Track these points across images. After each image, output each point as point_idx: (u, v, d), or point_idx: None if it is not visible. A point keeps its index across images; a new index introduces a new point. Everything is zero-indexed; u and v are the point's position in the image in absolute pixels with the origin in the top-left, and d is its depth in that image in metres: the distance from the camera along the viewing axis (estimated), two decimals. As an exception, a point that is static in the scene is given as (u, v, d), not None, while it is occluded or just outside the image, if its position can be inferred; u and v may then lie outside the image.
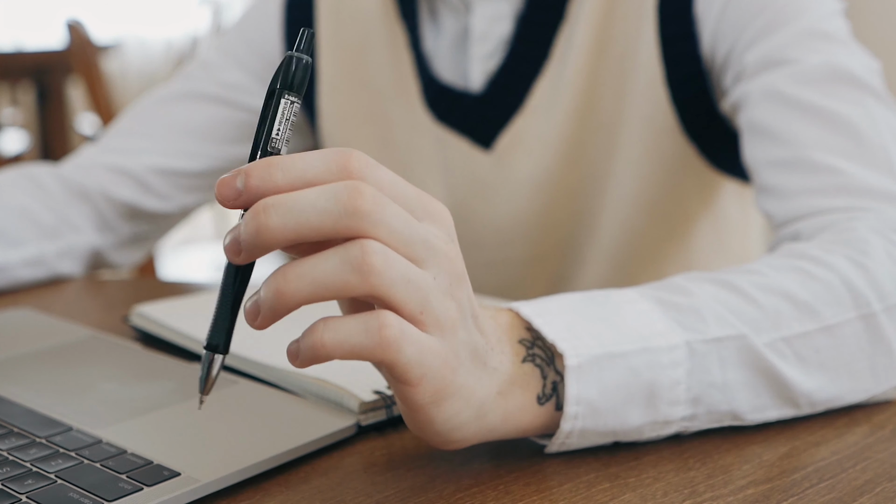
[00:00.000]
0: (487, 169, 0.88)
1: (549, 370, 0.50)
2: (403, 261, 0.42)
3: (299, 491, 0.49)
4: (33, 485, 0.47)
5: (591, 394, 0.50)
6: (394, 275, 0.41)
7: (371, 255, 0.40)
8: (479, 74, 0.86)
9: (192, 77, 0.97)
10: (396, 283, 0.41)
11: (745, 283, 0.55)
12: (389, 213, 0.41)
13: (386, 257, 0.41)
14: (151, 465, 0.49)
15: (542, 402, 0.50)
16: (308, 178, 0.41)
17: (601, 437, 0.52)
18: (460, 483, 0.49)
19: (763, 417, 0.54)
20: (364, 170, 0.42)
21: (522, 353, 0.49)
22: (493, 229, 0.90)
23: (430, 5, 0.89)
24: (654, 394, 0.51)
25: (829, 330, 0.55)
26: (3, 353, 0.67)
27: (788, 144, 0.70)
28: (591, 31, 0.82)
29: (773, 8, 0.74)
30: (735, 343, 0.53)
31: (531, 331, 0.50)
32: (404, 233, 0.42)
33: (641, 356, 0.50)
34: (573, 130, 0.84)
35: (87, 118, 3.44)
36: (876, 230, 0.61)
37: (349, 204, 0.40)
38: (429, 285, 0.42)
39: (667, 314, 0.52)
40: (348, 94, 0.94)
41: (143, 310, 0.71)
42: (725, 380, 0.52)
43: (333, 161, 0.42)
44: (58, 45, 3.00)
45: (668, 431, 0.53)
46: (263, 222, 0.40)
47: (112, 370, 0.64)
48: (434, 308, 0.43)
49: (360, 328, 0.41)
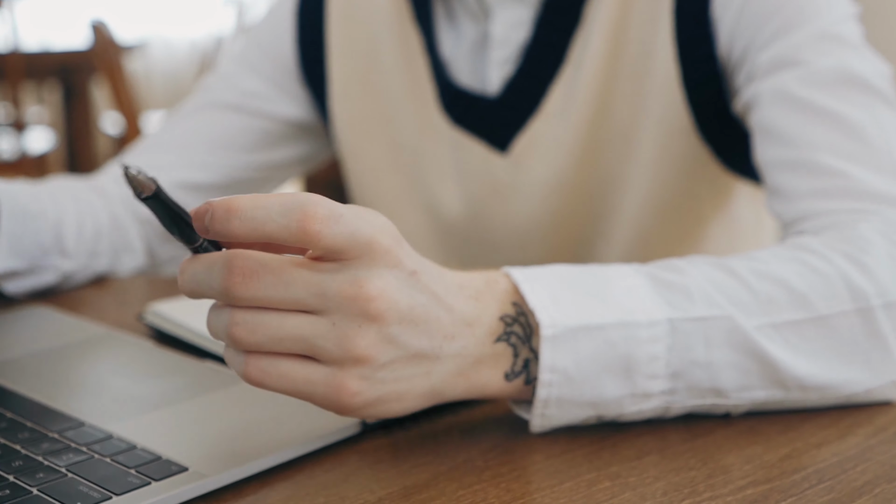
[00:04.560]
0: (503, 172, 0.88)
1: (522, 348, 0.52)
2: (274, 319, 0.46)
3: (304, 487, 0.50)
4: (44, 478, 0.48)
5: (566, 363, 0.52)
6: (259, 339, 0.46)
7: (232, 326, 0.46)
8: (496, 78, 0.86)
9: (211, 88, 0.98)
10: (266, 343, 0.46)
11: (743, 268, 0.57)
12: (264, 285, 0.46)
13: (249, 327, 0.46)
14: (160, 459, 0.50)
15: (511, 378, 0.52)
16: (266, 231, 0.45)
17: (580, 408, 0.53)
18: (462, 481, 0.50)
19: (750, 397, 0.55)
20: (320, 232, 0.45)
21: (499, 331, 0.52)
22: (509, 231, 0.91)
23: (448, 10, 0.89)
24: (631, 367, 0.53)
25: (821, 321, 0.56)
26: (19, 351, 0.69)
27: (796, 146, 0.71)
28: (606, 35, 0.82)
29: (788, 10, 0.75)
30: (721, 323, 0.54)
31: (516, 304, 0.52)
32: (281, 296, 0.46)
33: (619, 329, 0.52)
34: (589, 133, 0.85)
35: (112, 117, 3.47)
36: (879, 231, 0.62)
37: (224, 283, 0.46)
38: (312, 332, 0.46)
39: (656, 291, 0.54)
40: (360, 99, 0.94)
41: (157, 308, 0.72)
42: (710, 358, 0.54)
43: (294, 220, 0.45)
44: (83, 45, 3.03)
45: (650, 406, 0.54)
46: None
47: (124, 367, 0.65)
48: (322, 348, 0.47)
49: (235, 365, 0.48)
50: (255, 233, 0.45)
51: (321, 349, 0.47)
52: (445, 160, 0.91)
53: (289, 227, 0.44)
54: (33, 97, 3.89)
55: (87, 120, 3.39)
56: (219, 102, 0.97)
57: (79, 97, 3.36)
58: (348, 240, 0.45)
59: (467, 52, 0.88)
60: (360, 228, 0.46)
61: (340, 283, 0.46)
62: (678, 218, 0.88)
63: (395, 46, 0.91)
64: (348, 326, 0.46)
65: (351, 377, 0.47)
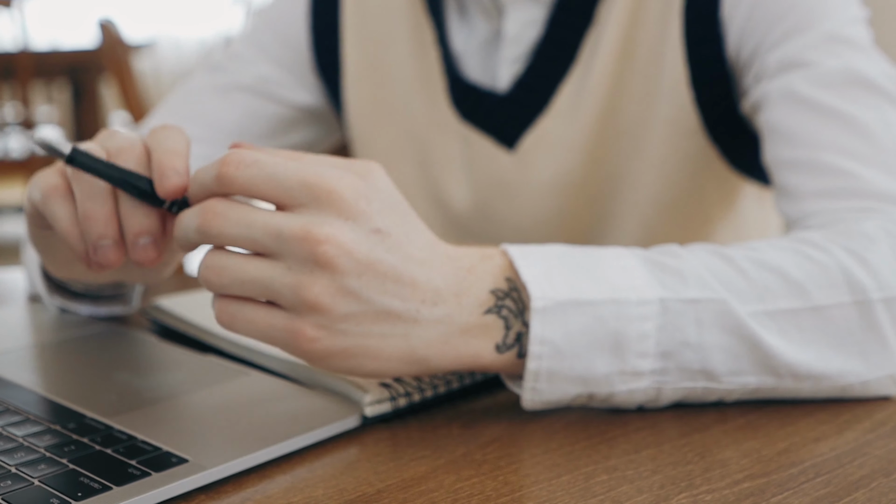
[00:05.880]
0: (510, 169, 0.89)
1: (515, 321, 0.53)
2: (237, 262, 0.50)
3: (303, 479, 0.50)
4: (46, 469, 0.49)
5: (556, 336, 0.53)
6: (225, 281, 0.50)
7: (203, 269, 0.50)
8: (507, 75, 0.87)
9: (224, 69, 0.96)
10: (231, 286, 0.50)
11: (740, 256, 0.57)
12: (229, 223, 0.50)
13: (216, 269, 0.50)
14: (160, 451, 0.51)
15: (503, 350, 0.53)
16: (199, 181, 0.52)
17: (570, 383, 0.54)
18: (461, 474, 0.50)
19: (740, 381, 0.56)
20: (236, 171, 0.50)
21: (490, 303, 0.53)
22: (515, 228, 0.91)
23: (460, 5, 0.89)
24: (621, 344, 0.53)
25: (817, 310, 0.56)
26: (25, 345, 0.69)
27: (802, 145, 0.71)
28: (618, 35, 0.82)
29: (797, 12, 0.75)
30: (714, 306, 0.54)
31: (509, 280, 0.54)
32: (243, 235, 0.50)
33: (609, 306, 0.53)
34: (597, 133, 0.85)
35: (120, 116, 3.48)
36: (883, 229, 0.62)
37: (197, 221, 0.50)
38: (270, 275, 0.49)
39: (650, 272, 0.55)
40: (371, 87, 0.94)
41: (160, 302, 0.73)
42: (701, 340, 0.54)
43: (214, 167, 0.51)
44: (92, 45, 3.04)
45: (640, 386, 0.55)
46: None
47: (127, 361, 0.65)
48: (279, 293, 0.49)
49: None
50: (193, 185, 0.52)
51: (279, 294, 0.49)
52: (454, 153, 0.91)
53: (212, 173, 0.50)
54: (42, 96, 3.91)
55: (96, 119, 3.40)
56: (235, 84, 0.95)
57: (87, 96, 3.37)
58: (274, 182, 0.49)
59: (478, 47, 0.88)
60: (314, 175, 0.49)
61: (292, 225, 0.49)
62: (685, 218, 0.88)
63: (408, 37, 0.92)
64: (300, 271, 0.49)
65: (306, 324, 0.49)
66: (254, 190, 0.50)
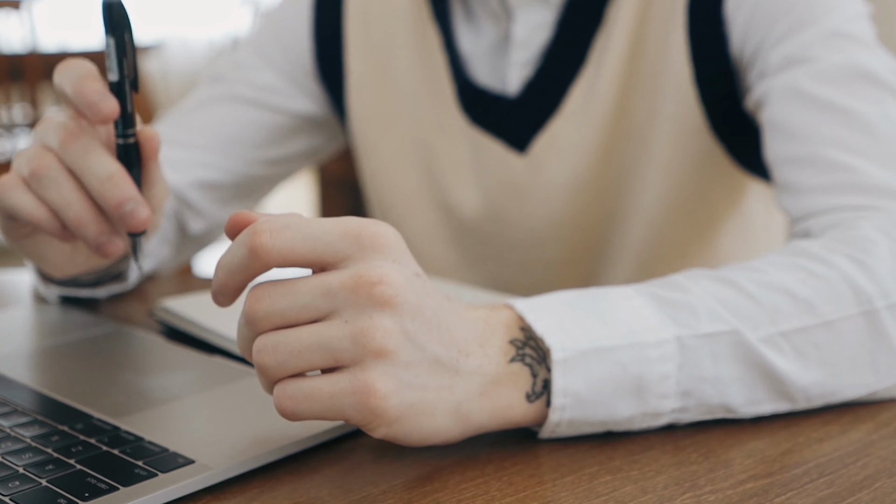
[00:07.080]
0: (521, 172, 0.89)
1: (539, 368, 0.52)
2: (290, 333, 0.47)
3: (309, 479, 0.50)
4: (54, 470, 0.49)
5: (579, 386, 0.51)
6: (281, 357, 0.46)
7: (257, 355, 0.47)
8: (516, 79, 0.86)
9: (226, 79, 0.97)
10: (288, 360, 0.46)
11: (744, 280, 0.56)
12: (272, 299, 0.47)
13: (270, 348, 0.47)
14: (167, 452, 0.51)
15: (532, 399, 0.52)
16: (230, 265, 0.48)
17: (591, 426, 0.53)
18: (465, 474, 0.51)
19: (757, 411, 0.55)
20: (271, 239, 0.46)
21: (512, 352, 0.51)
22: (527, 231, 0.91)
23: (466, 8, 0.89)
24: (643, 387, 0.52)
25: (828, 326, 0.55)
26: (32, 346, 0.70)
27: (804, 141, 0.71)
28: (626, 35, 0.82)
29: (800, 9, 0.75)
30: (728, 338, 0.53)
31: (525, 330, 0.52)
32: (291, 304, 0.47)
33: (629, 351, 0.52)
34: (607, 134, 0.85)
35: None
36: (882, 229, 0.62)
37: (247, 312, 0.47)
38: (327, 334, 0.46)
39: (660, 310, 0.54)
40: (376, 94, 0.94)
41: (168, 304, 0.73)
42: (718, 374, 0.54)
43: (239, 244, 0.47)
44: (100, 46, 3.05)
45: (659, 423, 0.54)
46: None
47: (134, 362, 0.66)
48: (340, 350, 0.46)
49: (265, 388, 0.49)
50: (220, 273, 0.48)
51: (339, 351, 0.46)
52: (462, 158, 0.91)
53: (242, 250, 0.47)
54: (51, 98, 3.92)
55: (105, 120, 3.40)
56: (234, 96, 0.95)
57: (96, 97, 3.37)
58: (313, 241, 0.47)
59: (486, 51, 0.88)
60: (355, 225, 0.47)
61: (342, 278, 0.46)
62: (692, 216, 0.88)
63: (412, 43, 0.92)
64: (359, 319, 0.46)
65: (375, 375, 0.46)
66: (293, 255, 0.46)
